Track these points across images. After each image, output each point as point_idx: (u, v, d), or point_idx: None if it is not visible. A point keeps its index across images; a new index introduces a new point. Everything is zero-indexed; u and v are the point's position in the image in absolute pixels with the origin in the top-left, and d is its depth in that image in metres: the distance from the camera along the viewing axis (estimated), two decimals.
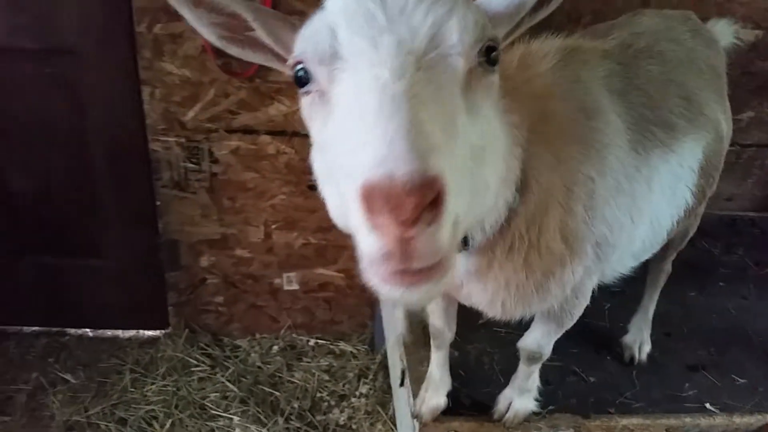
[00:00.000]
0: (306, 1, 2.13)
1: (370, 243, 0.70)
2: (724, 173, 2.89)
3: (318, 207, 2.68)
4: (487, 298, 1.33)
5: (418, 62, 0.79)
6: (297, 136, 2.44)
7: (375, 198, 0.66)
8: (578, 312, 1.49)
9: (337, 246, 2.74)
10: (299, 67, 0.91)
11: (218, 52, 2.22)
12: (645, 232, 1.46)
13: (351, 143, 0.76)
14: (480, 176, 0.89)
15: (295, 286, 2.84)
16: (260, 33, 1.03)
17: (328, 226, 2.68)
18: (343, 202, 0.82)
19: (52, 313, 2.90)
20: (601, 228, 1.28)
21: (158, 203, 2.58)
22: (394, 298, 0.76)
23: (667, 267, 2.06)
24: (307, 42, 0.90)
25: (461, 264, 1.26)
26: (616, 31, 1.58)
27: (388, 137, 0.70)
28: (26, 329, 2.94)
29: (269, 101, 2.37)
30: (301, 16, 0.96)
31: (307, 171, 2.50)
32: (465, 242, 1.16)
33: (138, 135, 2.41)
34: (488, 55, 0.89)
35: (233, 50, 1.09)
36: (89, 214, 2.62)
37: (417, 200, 0.65)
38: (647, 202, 1.39)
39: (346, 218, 0.80)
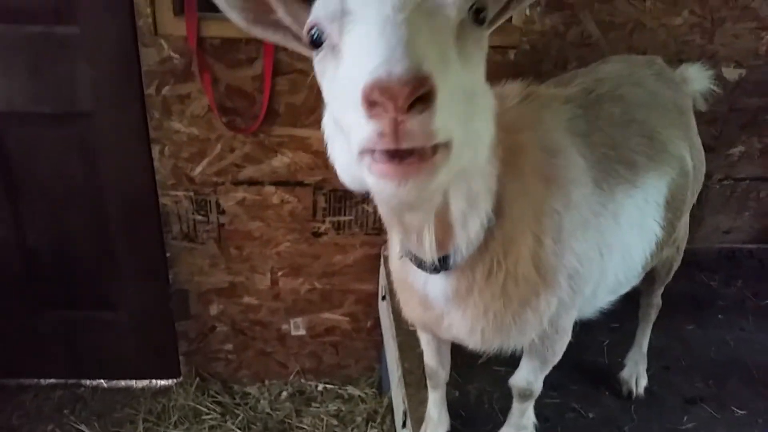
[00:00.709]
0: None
1: (367, 129, 0.77)
2: (721, 207, 2.99)
3: (322, 253, 2.79)
4: (467, 327, 1.38)
5: (417, 7, 0.86)
6: (300, 185, 2.55)
7: (374, 92, 0.73)
8: (560, 348, 1.54)
9: (343, 290, 2.82)
10: (313, 30, 0.99)
11: (223, 111, 2.36)
12: (617, 266, 1.52)
13: (357, 66, 0.82)
14: (473, 122, 0.94)
15: (302, 332, 2.91)
16: (281, 14, 1.13)
17: (332, 271, 2.77)
18: (350, 150, 0.86)
19: (68, 366, 2.98)
20: (571, 260, 1.35)
21: (168, 255, 2.69)
22: (387, 194, 0.84)
23: (657, 301, 2.11)
24: (319, 6, 0.99)
25: (441, 288, 1.33)
26: (579, 78, 1.68)
27: (388, 46, 0.78)
28: (43, 381, 3.01)
29: (273, 154, 2.49)
30: None
31: (310, 218, 2.62)
32: (446, 260, 1.23)
33: (149, 190, 2.54)
34: (478, 15, 0.97)
35: (256, 31, 1.17)
36: (103, 268, 2.73)
37: (410, 90, 0.73)
38: (616, 237, 1.45)
39: (353, 171, 0.91)
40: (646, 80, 1.74)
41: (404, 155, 0.78)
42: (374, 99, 0.73)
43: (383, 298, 2.54)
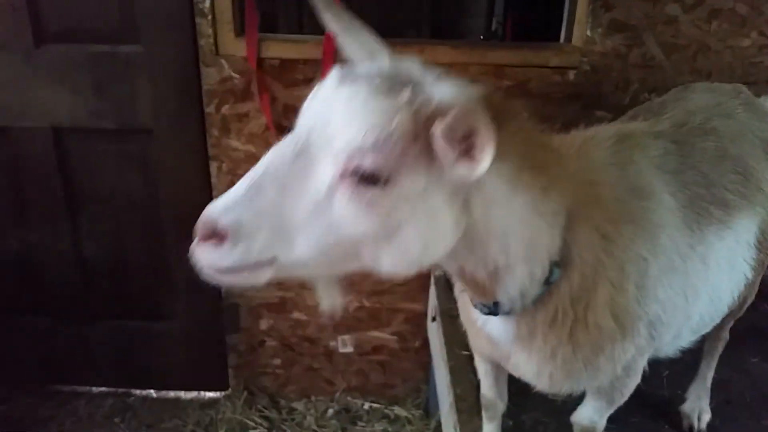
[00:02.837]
0: None
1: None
2: None
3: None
4: (534, 369, 1.36)
5: (302, 150, 0.99)
6: None
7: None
8: (629, 390, 1.49)
9: (391, 309, 2.81)
10: None
11: (280, 129, 2.39)
12: (704, 308, 1.46)
13: None
14: (354, 249, 1.02)
15: (349, 349, 2.90)
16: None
17: (381, 290, 2.76)
18: None
19: (120, 374, 3.03)
20: (654, 307, 1.30)
21: None
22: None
23: (725, 335, 2.03)
24: None
25: (503, 329, 1.32)
26: (668, 108, 1.62)
27: (229, 192, 1.01)
28: (95, 389, 3.07)
29: None
30: None
31: None
32: (497, 306, 1.24)
33: (205, 206, 2.56)
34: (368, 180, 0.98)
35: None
36: (158, 281, 2.78)
37: (201, 233, 1.00)
38: (703, 280, 1.39)
39: None
40: (736, 111, 1.66)
41: None
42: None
43: (433, 319, 2.52)
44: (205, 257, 1.01)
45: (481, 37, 4.12)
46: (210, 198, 2.56)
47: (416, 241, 1.02)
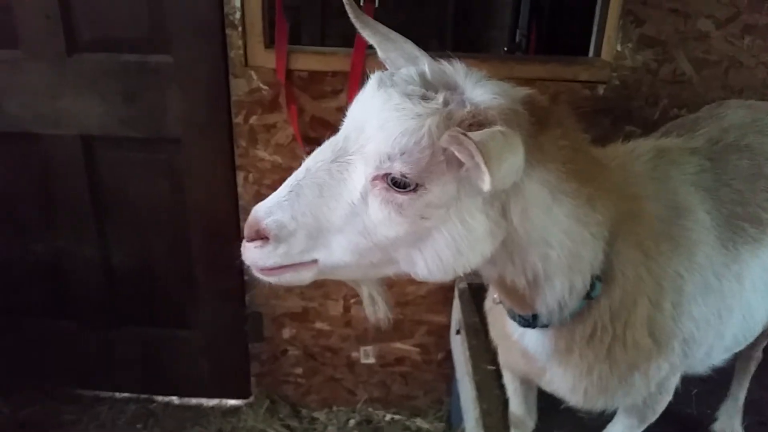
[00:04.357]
0: None
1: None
2: None
3: (395, 282, 2.74)
4: (569, 385, 1.35)
5: (338, 157, 1.03)
6: None
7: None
8: (661, 407, 1.48)
9: (414, 321, 2.80)
10: None
11: (307, 141, 2.40)
12: (737, 327, 1.45)
13: None
14: (387, 255, 1.05)
15: (371, 360, 2.90)
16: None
17: (405, 301, 2.76)
18: None
19: (143, 381, 3.05)
20: (688, 325, 1.30)
21: (246, 278, 2.73)
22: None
23: (758, 354, 2.00)
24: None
25: (540, 343, 1.31)
26: (702, 125, 1.61)
27: (274, 195, 1.05)
28: (118, 395, 3.08)
29: None
30: None
31: None
32: (536, 319, 1.23)
33: (232, 215, 2.60)
34: (395, 181, 0.99)
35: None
36: (182, 288, 2.80)
37: (248, 232, 1.04)
38: (738, 298, 1.38)
39: None
40: None
41: None
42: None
43: (457, 332, 2.51)
44: (250, 256, 1.05)
45: (505, 49, 4.11)
46: (236, 207, 2.59)
47: (450, 247, 1.02)
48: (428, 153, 0.95)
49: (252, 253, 1.05)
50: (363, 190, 1.00)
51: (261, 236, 1.02)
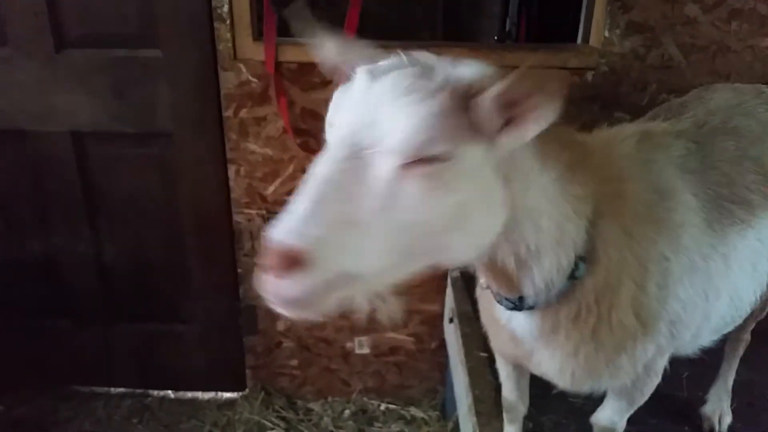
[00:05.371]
0: None
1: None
2: None
3: None
4: (556, 367, 1.37)
5: (354, 154, 0.96)
6: None
7: (263, 246, 0.91)
8: (650, 390, 1.49)
9: (408, 311, 2.81)
10: None
11: (297, 133, 2.40)
12: (724, 308, 1.46)
13: None
14: (426, 242, 1.01)
15: (366, 350, 2.91)
16: None
17: (398, 291, 2.76)
18: None
19: (138, 376, 3.06)
20: (675, 306, 1.31)
21: (239, 271, 2.74)
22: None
23: (746, 336, 2.02)
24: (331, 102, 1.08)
25: (526, 325, 1.33)
26: (689, 108, 1.62)
27: (289, 210, 0.93)
28: (113, 390, 3.09)
29: None
30: None
31: None
32: (521, 300, 1.24)
33: (223, 209, 2.60)
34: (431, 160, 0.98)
35: None
36: (177, 283, 2.80)
37: (273, 261, 0.89)
38: (725, 280, 1.39)
39: None
40: (757, 110, 1.65)
41: None
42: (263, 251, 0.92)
43: (450, 320, 2.52)
44: (286, 287, 0.91)
45: (495, 38, 4.12)
46: (228, 201, 2.59)
47: (482, 218, 1.05)
48: (450, 123, 0.96)
49: (288, 284, 0.90)
50: (392, 179, 0.96)
51: (295, 263, 0.89)
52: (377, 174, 0.96)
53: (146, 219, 2.69)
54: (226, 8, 2.27)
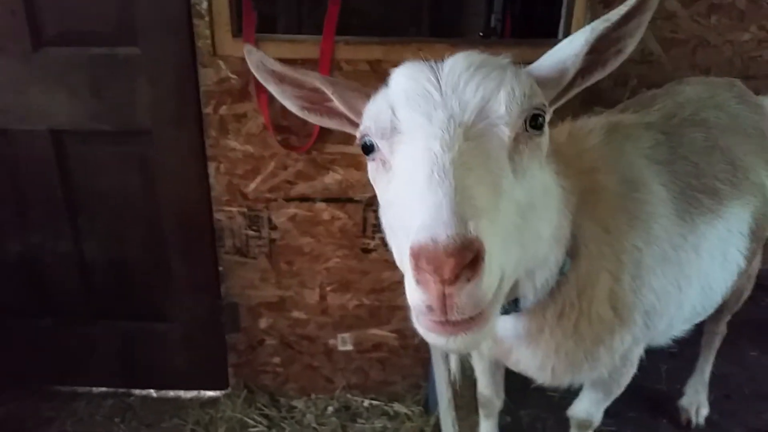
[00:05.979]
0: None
1: (416, 296, 0.78)
2: None
3: (371, 269, 2.79)
4: (537, 364, 1.37)
5: (466, 133, 0.91)
6: (350, 202, 2.57)
7: (421, 258, 0.74)
8: (626, 380, 1.50)
9: (391, 307, 2.81)
10: (365, 139, 1.03)
11: (278, 129, 2.39)
12: (696, 298, 1.47)
13: (406, 207, 0.87)
14: (529, 229, 0.97)
15: (349, 347, 2.91)
16: (338, 103, 1.15)
17: (381, 288, 2.77)
18: (401, 255, 0.93)
19: (120, 375, 3.04)
20: (649, 296, 1.31)
21: (221, 269, 2.73)
22: (439, 345, 0.85)
23: (722, 329, 2.04)
24: (370, 118, 1.01)
25: (511, 327, 1.31)
26: (659, 101, 1.63)
27: (434, 204, 0.80)
28: (95, 390, 3.08)
29: (324, 171, 2.51)
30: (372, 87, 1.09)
31: (360, 235, 2.63)
32: (516, 303, 1.22)
33: (204, 206, 2.59)
34: (535, 121, 0.99)
35: (312, 118, 1.23)
36: (158, 281, 2.79)
37: (456, 261, 0.73)
38: (696, 269, 1.40)
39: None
40: (728, 103, 1.67)
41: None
42: (420, 264, 0.74)
43: None
44: (471, 295, 0.76)
45: (480, 34, 4.12)
46: (209, 198, 2.57)
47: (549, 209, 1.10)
48: (530, 90, 0.99)
49: (468, 292, 0.75)
50: (512, 151, 0.95)
51: (477, 260, 0.75)
52: (498, 149, 0.93)
53: (126, 217, 2.67)
54: (205, 5, 2.25)
